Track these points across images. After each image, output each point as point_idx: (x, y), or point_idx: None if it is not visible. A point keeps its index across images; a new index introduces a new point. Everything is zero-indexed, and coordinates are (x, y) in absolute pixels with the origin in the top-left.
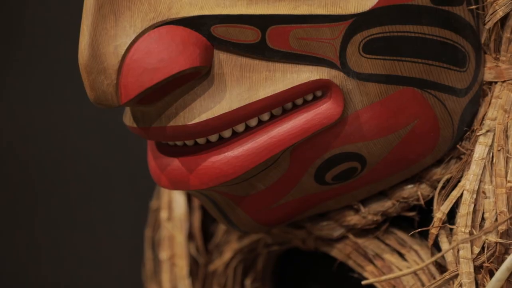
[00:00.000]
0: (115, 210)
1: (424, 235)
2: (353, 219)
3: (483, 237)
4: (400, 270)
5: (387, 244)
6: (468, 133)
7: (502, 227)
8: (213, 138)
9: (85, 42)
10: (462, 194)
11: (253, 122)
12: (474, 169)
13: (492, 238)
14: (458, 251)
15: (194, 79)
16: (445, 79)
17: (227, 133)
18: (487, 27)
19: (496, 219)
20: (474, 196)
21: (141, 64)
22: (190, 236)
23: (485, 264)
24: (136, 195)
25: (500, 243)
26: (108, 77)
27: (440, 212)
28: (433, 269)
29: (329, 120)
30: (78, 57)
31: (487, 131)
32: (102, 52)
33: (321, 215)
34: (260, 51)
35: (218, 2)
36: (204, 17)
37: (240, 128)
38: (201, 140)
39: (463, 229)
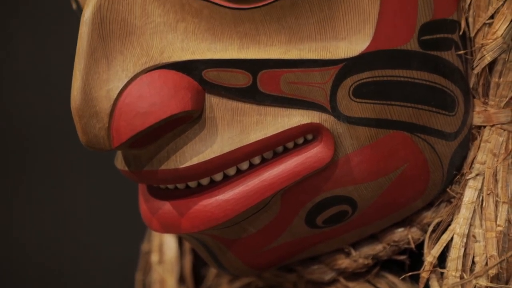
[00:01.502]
0: (106, 253)
1: (415, 279)
2: (344, 262)
3: (474, 281)
4: None
5: None
6: (457, 176)
7: (493, 271)
8: (205, 181)
9: (77, 86)
10: (452, 238)
11: (244, 165)
12: (464, 213)
13: (483, 282)
14: None
15: (186, 123)
16: (434, 123)
17: (218, 177)
18: (475, 72)
19: (487, 263)
20: (465, 240)
21: (133, 108)
22: (181, 280)
23: None
24: (127, 238)
25: (490, 287)
26: (100, 120)
27: (430, 255)
28: None
29: (319, 163)
30: (71, 101)
31: (477, 175)
32: (95, 96)
33: (312, 259)
34: (251, 95)
35: (210, 46)
36: (196, 61)
37: (231, 171)
38: (192, 184)
39: (453, 273)
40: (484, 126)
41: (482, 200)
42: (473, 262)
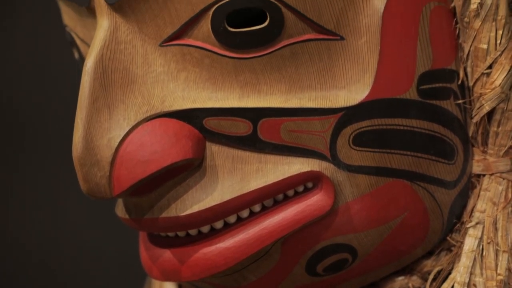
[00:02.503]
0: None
1: None
2: None
3: None
4: None
5: None
6: (457, 225)
7: None
8: (205, 229)
9: (79, 135)
10: (453, 287)
11: (244, 213)
12: (464, 262)
13: None
14: None
15: (187, 171)
16: (434, 172)
17: (218, 224)
18: (474, 121)
19: None
20: None
21: (135, 156)
22: None
23: None
24: (127, 285)
25: None
26: (101, 169)
27: None
28: None
29: (320, 211)
30: (72, 149)
31: (477, 223)
32: (96, 144)
33: None
34: (252, 143)
35: (211, 95)
36: (197, 110)
37: (231, 219)
38: (193, 231)
39: None
40: (484, 175)
41: (482, 249)
42: None
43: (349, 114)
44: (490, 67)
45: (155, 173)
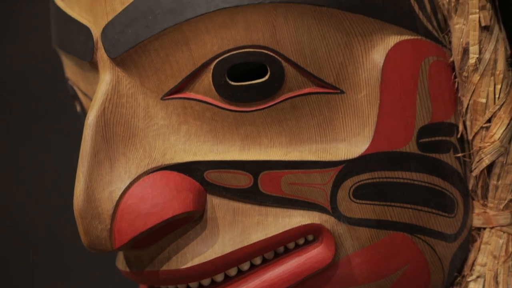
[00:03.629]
0: None
1: None
2: None
3: None
4: None
5: None
6: (458, 278)
7: None
8: (206, 282)
9: (80, 188)
10: None
11: (245, 266)
12: None
13: None
14: None
15: (187, 223)
16: (434, 225)
17: (219, 277)
18: (474, 174)
19: None
20: None
21: (135, 209)
22: None
23: None
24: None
25: None
26: (102, 222)
27: None
28: None
29: (320, 264)
30: (73, 202)
31: (477, 277)
32: (97, 197)
33: None
34: (253, 195)
35: (212, 148)
36: (198, 163)
37: (232, 272)
38: (193, 284)
39: None
40: (484, 228)
41: None
42: None
43: (350, 167)
44: (489, 121)
45: (156, 225)
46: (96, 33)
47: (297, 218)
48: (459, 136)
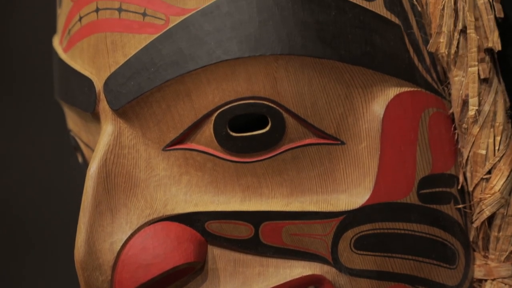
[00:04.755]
0: None
1: None
2: None
3: None
4: None
5: None
6: None
7: None
8: None
9: (81, 239)
10: None
11: None
12: None
13: None
14: None
15: (188, 274)
16: (435, 276)
17: None
18: (475, 225)
19: None
20: None
21: (136, 260)
22: None
23: None
24: None
25: None
26: (103, 273)
27: None
28: None
29: None
30: (74, 253)
31: None
32: (98, 248)
33: None
34: (254, 246)
35: (213, 199)
36: (199, 213)
37: None
38: None
39: None
40: (486, 280)
41: None
42: None
43: (350, 218)
44: (489, 172)
45: (157, 277)
46: (99, 85)
47: (298, 269)
48: (459, 187)
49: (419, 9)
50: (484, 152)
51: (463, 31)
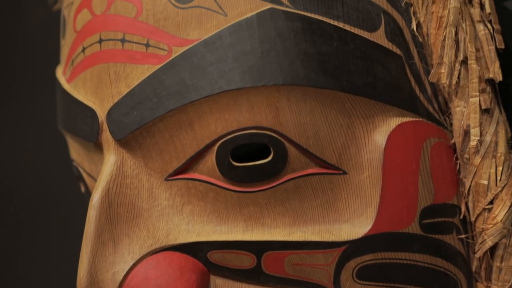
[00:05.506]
0: None
1: None
2: None
3: None
4: None
5: None
6: None
7: None
8: None
9: (83, 269)
10: None
11: None
12: None
13: None
14: None
15: None
16: None
17: None
18: (477, 256)
19: None
20: None
21: None
22: None
23: None
24: None
25: None
26: None
27: None
28: None
29: None
30: (77, 284)
31: None
32: (100, 279)
33: None
34: (256, 276)
35: (215, 229)
36: (201, 243)
37: None
38: None
39: None
40: None
41: None
42: None
43: (353, 248)
44: (491, 202)
45: None
46: (102, 115)
47: None
48: (461, 217)
49: (420, 39)
50: (486, 182)
51: (464, 61)
